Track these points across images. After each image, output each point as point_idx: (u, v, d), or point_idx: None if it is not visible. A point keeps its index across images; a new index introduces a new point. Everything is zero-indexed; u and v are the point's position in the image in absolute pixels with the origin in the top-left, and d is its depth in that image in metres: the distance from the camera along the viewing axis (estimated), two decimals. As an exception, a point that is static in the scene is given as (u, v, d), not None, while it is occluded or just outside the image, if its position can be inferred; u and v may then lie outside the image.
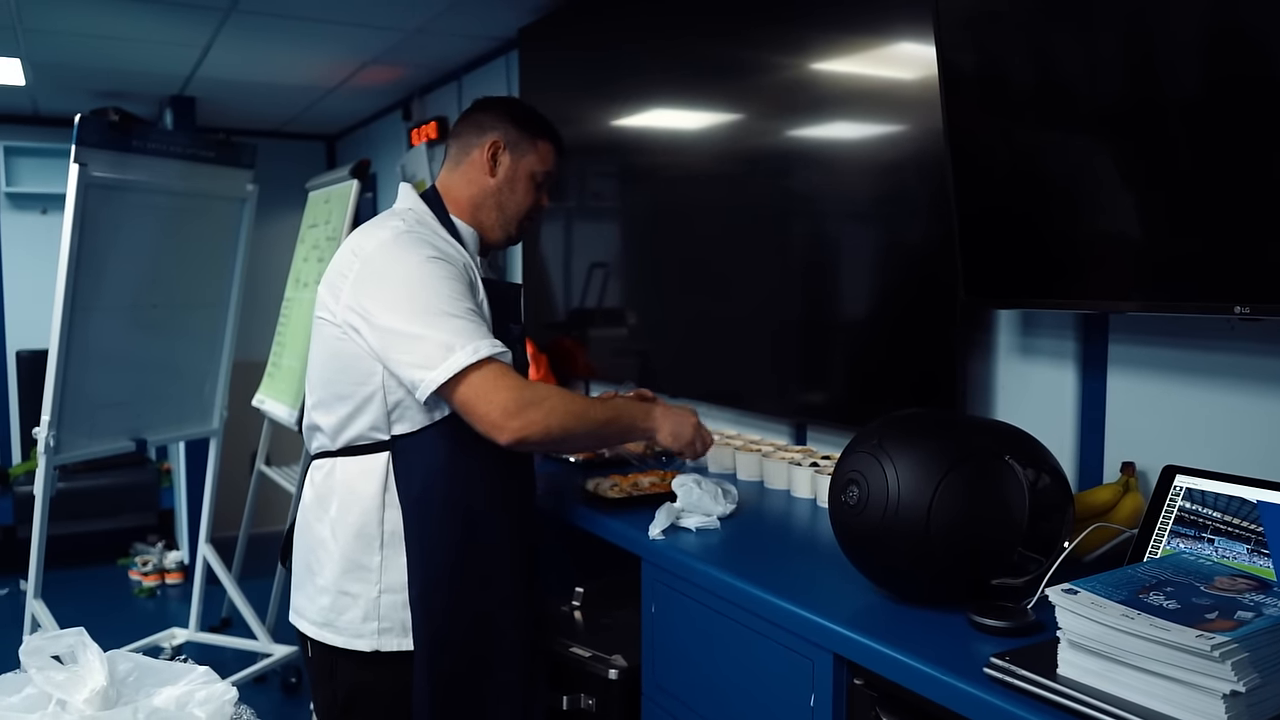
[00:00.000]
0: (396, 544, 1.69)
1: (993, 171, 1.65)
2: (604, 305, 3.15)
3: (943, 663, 1.18)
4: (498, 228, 1.86)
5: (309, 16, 3.37)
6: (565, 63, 3.25)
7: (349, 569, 1.71)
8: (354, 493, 1.71)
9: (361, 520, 1.70)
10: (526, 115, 1.89)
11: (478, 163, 1.83)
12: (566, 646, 2.00)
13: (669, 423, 1.82)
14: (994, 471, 1.33)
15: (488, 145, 1.83)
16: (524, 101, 1.95)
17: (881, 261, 2.10)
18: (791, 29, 2.24)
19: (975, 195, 1.67)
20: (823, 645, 1.36)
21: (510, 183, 1.84)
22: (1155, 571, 1.14)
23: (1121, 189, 1.47)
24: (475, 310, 1.64)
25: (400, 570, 1.69)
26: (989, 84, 1.64)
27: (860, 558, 1.41)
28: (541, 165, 1.87)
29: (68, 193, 3.00)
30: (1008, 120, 1.61)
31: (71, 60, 4.07)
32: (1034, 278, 1.62)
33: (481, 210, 1.84)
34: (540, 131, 1.88)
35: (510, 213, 1.85)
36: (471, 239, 1.83)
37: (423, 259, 1.64)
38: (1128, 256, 1.48)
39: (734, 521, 1.86)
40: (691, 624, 1.65)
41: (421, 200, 1.82)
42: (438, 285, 1.62)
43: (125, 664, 1.11)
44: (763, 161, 2.38)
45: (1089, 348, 1.72)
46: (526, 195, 1.86)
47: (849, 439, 2.19)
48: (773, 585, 1.50)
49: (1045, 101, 1.56)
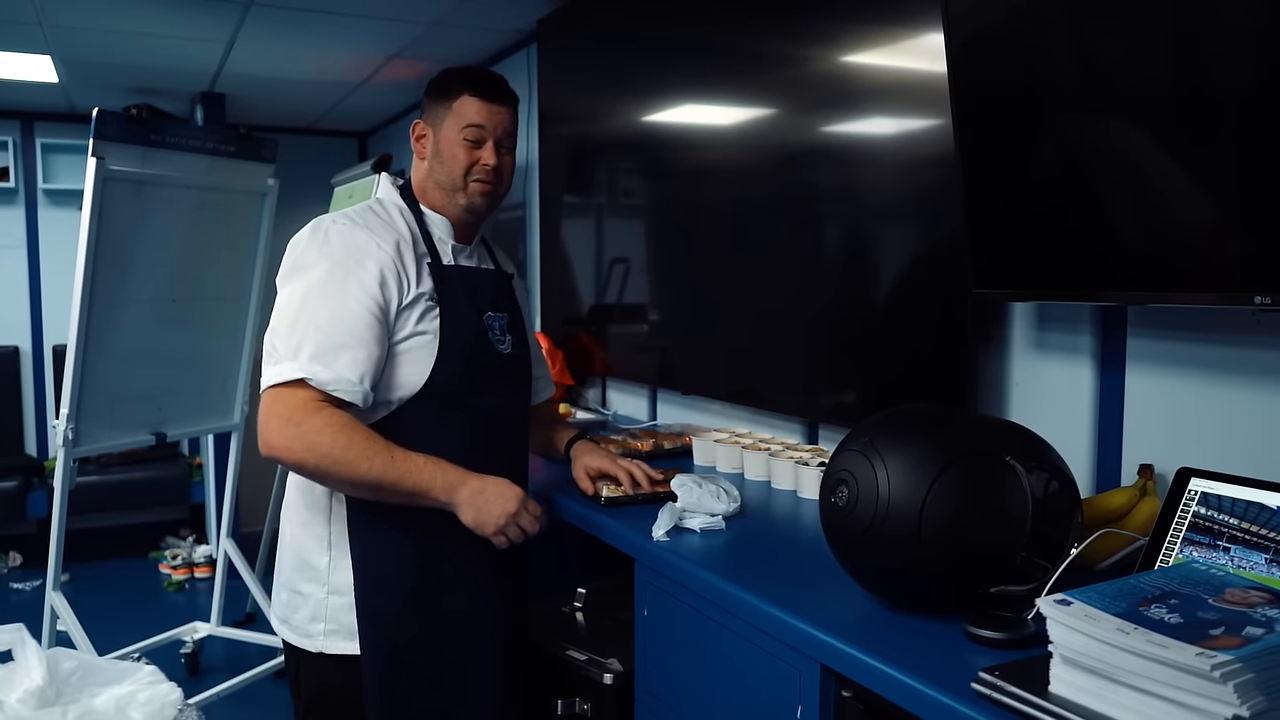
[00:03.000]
0: (344, 546, 1.66)
1: (1003, 161, 1.56)
2: (623, 301, 3.09)
3: (930, 676, 1.11)
4: (448, 203, 1.76)
5: (327, 9, 3.35)
6: (584, 55, 3.20)
7: (299, 567, 1.69)
8: (305, 491, 1.68)
9: (310, 519, 1.68)
10: (440, 79, 1.77)
11: (415, 149, 1.79)
12: (564, 649, 1.95)
13: (474, 508, 1.60)
14: (993, 472, 1.25)
15: (414, 129, 1.78)
16: (462, 67, 1.80)
17: (898, 258, 2.02)
18: (815, 20, 2.16)
19: (985, 186, 1.58)
20: (810, 655, 1.28)
21: (437, 155, 1.74)
22: (1160, 582, 1.05)
23: (1137, 176, 1.38)
24: (352, 326, 1.56)
25: (348, 572, 1.65)
26: (999, 72, 1.56)
27: (850, 562, 1.34)
28: (461, 120, 1.71)
29: (86, 187, 3.01)
30: (1019, 108, 1.53)
31: (100, 57, 4.10)
32: (1045, 269, 1.54)
33: (428, 194, 1.77)
34: (453, 89, 1.73)
35: (448, 182, 1.73)
36: (441, 224, 1.77)
37: (326, 263, 1.59)
38: (1143, 246, 1.39)
39: (737, 522, 1.79)
40: (683, 628, 1.59)
41: (398, 191, 1.78)
42: (323, 292, 1.57)
43: (69, 662, 1.07)
44: (783, 157, 2.31)
45: (1106, 343, 1.63)
46: (455, 158, 1.72)
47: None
48: (765, 591, 1.43)
49: (1058, 89, 1.47)
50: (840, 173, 2.11)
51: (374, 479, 1.53)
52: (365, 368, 1.56)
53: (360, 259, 1.60)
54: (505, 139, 1.75)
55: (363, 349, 1.56)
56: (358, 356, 1.55)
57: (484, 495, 1.60)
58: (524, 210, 3.76)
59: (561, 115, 3.33)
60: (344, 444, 1.51)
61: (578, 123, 3.27)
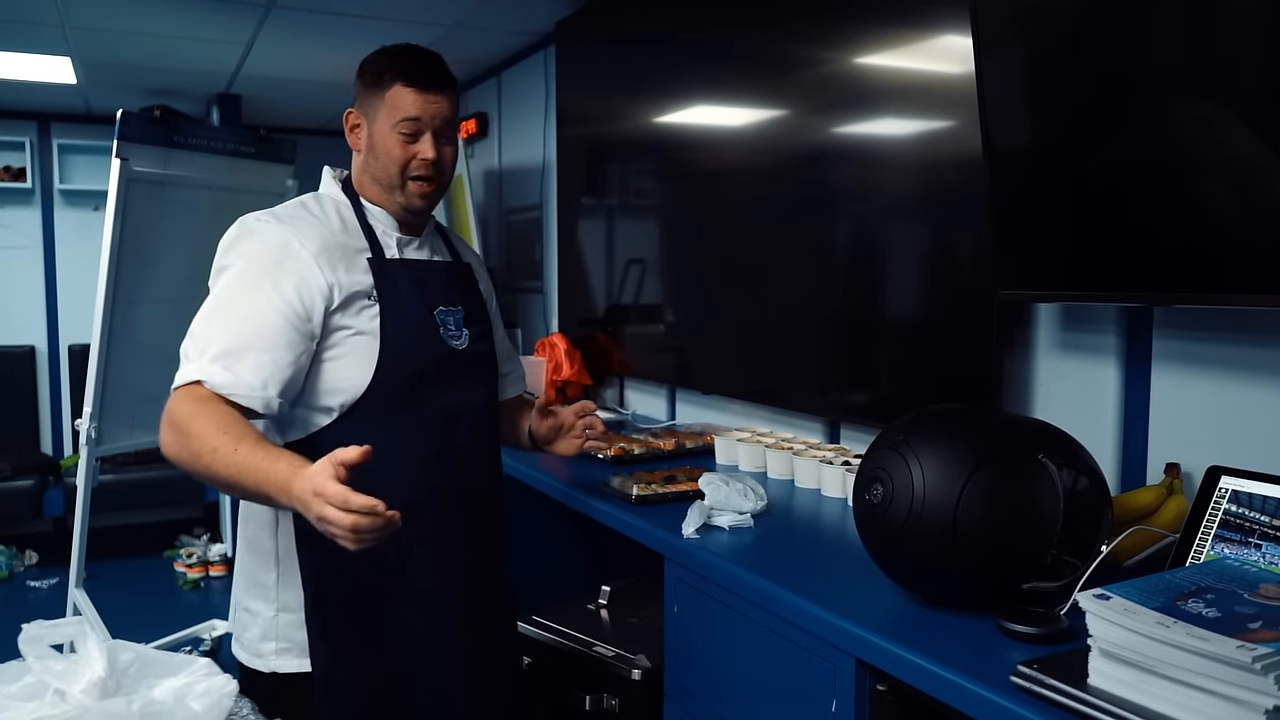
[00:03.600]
0: (292, 561, 1.56)
1: (1031, 162, 1.58)
2: (640, 302, 3.11)
3: (967, 669, 1.13)
4: (386, 199, 1.64)
5: (347, 12, 3.38)
6: (603, 57, 3.22)
7: (248, 585, 1.62)
8: (251, 506, 1.59)
9: (256, 534, 1.60)
10: (372, 65, 1.64)
11: (351, 141, 1.66)
12: (591, 645, 1.97)
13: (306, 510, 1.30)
14: (1026, 470, 1.27)
15: (346, 120, 1.66)
16: (392, 47, 1.66)
17: (919, 258, 2.04)
18: (833, 22, 2.19)
19: (1012, 187, 1.60)
20: (845, 649, 1.31)
21: (371, 149, 1.62)
22: (1195, 577, 1.07)
23: (1162, 175, 1.40)
24: (260, 328, 1.45)
25: (297, 589, 1.55)
26: (1026, 70, 1.58)
27: (885, 558, 1.36)
28: (396, 113, 1.58)
29: (110, 187, 3.04)
30: (1047, 109, 1.55)
31: (119, 59, 4.13)
32: (1073, 270, 1.55)
33: (366, 188, 1.65)
34: (384, 77, 1.60)
35: (384, 180, 1.62)
36: (383, 218, 1.65)
37: (243, 262, 1.51)
38: (1177, 246, 1.40)
39: (764, 520, 1.81)
40: (714, 624, 1.61)
41: (340, 184, 1.67)
42: (235, 294, 1.49)
43: (126, 654, 1.09)
44: (803, 158, 2.33)
45: (1132, 343, 1.65)
46: (391, 154, 1.59)
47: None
48: (797, 586, 1.45)
49: (1085, 88, 1.49)
50: (861, 173, 2.13)
51: (218, 475, 1.36)
52: (270, 373, 1.44)
53: (278, 259, 1.50)
54: (444, 129, 1.62)
55: (269, 353, 1.45)
56: (263, 360, 1.44)
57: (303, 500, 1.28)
58: (540, 211, 3.79)
59: (580, 117, 3.36)
60: (195, 433, 1.36)
61: (596, 124, 3.29)
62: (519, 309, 3.96)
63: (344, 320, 1.53)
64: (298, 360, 1.48)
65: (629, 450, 2.36)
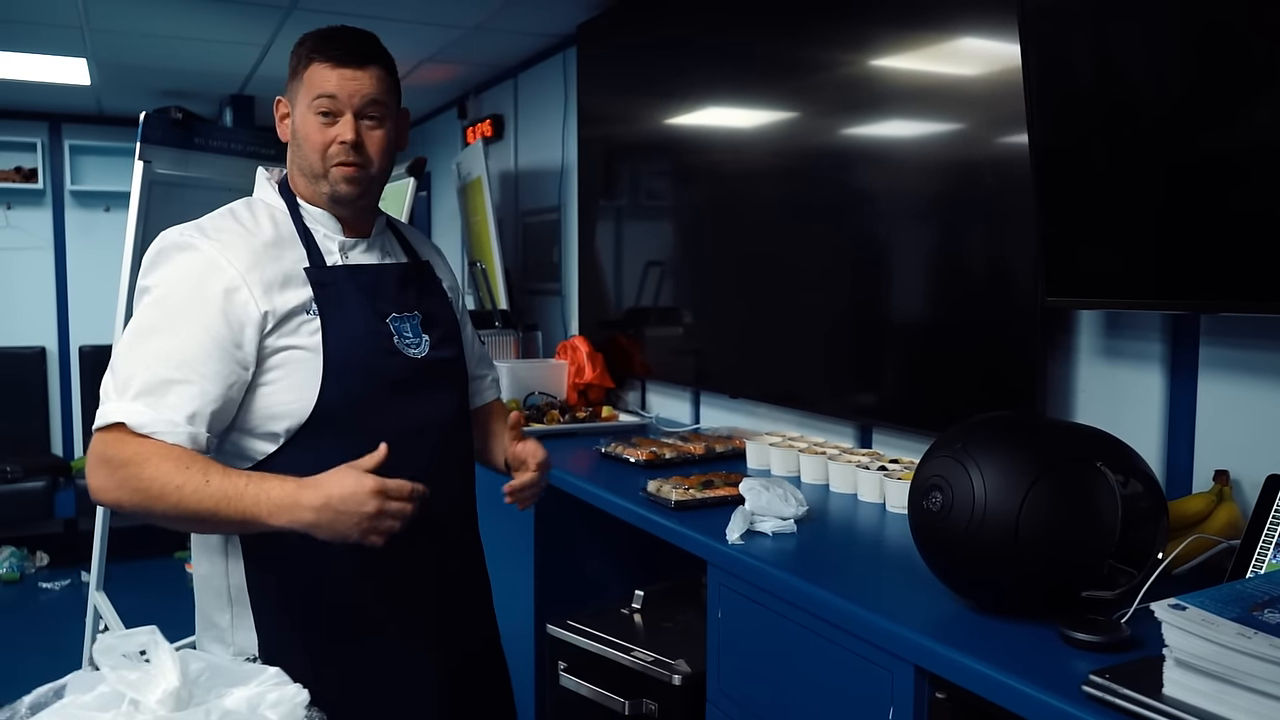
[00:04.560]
0: (245, 601, 1.46)
1: (1078, 168, 1.58)
2: (662, 304, 3.11)
3: (1036, 678, 1.13)
4: (315, 193, 1.51)
5: (370, 14, 3.37)
6: (625, 59, 3.22)
7: (205, 626, 1.51)
8: (201, 541, 1.50)
9: (210, 572, 1.49)
10: (295, 48, 1.52)
11: (279, 134, 1.55)
12: (629, 650, 1.97)
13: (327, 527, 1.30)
14: (1085, 478, 1.27)
15: (278, 111, 1.54)
16: (307, 32, 1.53)
17: (959, 262, 2.04)
18: (858, 25, 2.19)
19: (1059, 193, 1.60)
20: (903, 657, 1.31)
21: (295, 137, 1.50)
22: (1266, 587, 1.07)
23: (1215, 183, 1.40)
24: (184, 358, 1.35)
25: (252, 630, 1.46)
26: (1076, 78, 1.58)
27: (942, 565, 1.36)
28: (311, 92, 1.46)
29: (133, 189, 3.04)
30: (1097, 115, 1.55)
31: (135, 60, 4.12)
32: (1119, 277, 1.56)
33: (297, 183, 1.53)
34: (306, 58, 1.48)
35: (308, 168, 1.49)
36: (322, 219, 1.53)
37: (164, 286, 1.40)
38: (1219, 254, 1.41)
39: (805, 526, 1.81)
40: (761, 631, 1.61)
41: (274, 187, 1.55)
42: (155, 321, 1.38)
43: (196, 664, 1.09)
44: (831, 159, 2.33)
45: (1178, 350, 1.65)
46: (308, 137, 1.48)
47: (916, 441, 2.18)
48: (848, 592, 1.45)
49: (1137, 95, 1.49)
50: (894, 176, 2.13)
51: (190, 510, 1.29)
52: (198, 405, 1.34)
53: (202, 280, 1.39)
54: (369, 108, 1.47)
55: (195, 384, 1.34)
56: (188, 393, 1.33)
57: (330, 506, 1.29)
58: (559, 213, 3.78)
59: (601, 118, 3.36)
60: (150, 475, 1.29)
61: (618, 126, 3.29)
62: (537, 311, 3.96)
63: (281, 340, 1.42)
64: (227, 392, 1.38)
65: (660, 454, 2.35)
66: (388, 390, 1.49)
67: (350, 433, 1.44)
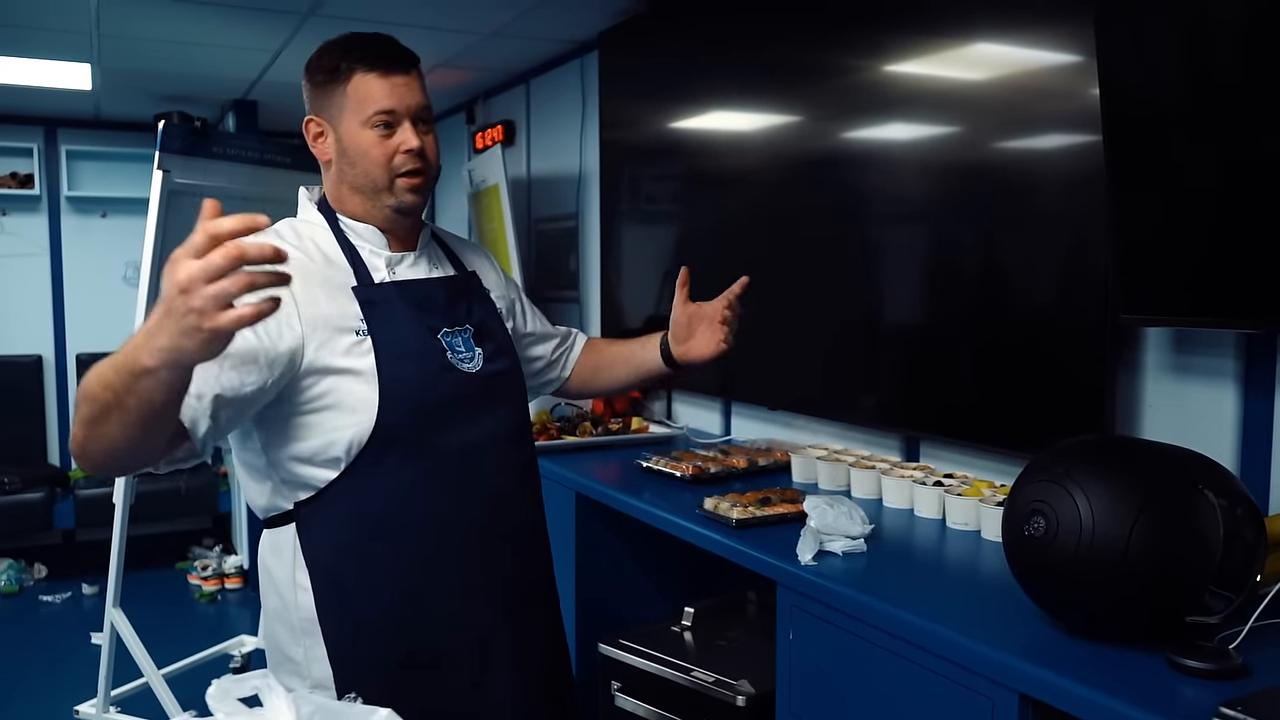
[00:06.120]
0: (315, 633, 1.43)
1: (1154, 183, 1.57)
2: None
3: (1157, 708, 1.12)
4: (372, 209, 1.48)
5: (386, 20, 3.33)
6: (648, 67, 3.19)
7: (279, 661, 1.48)
8: (269, 573, 1.48)
9: (279, 605, 1.47)
10: (319, 62, 1.48)
11: (316, 153, 1.50)
12: (688, 671, 1.95)
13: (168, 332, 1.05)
14: (1190, 502, 1.26)
15: (309, 131, 1.50)
16: (327, 43, 1.49)
17: (1015, 273, 2.02)
18: (890, 32, 2.18)
19: (1136, 206, 1.59)
20: (1006, 684, 1.29)
21: (344, 156, 1.46)
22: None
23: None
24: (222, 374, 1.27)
25: (325, 662, 1.43)
26: (1153, 91, 1.57)
27: (1043, 591, 1.34)
28: (365, 108, 1.43)
29: (151, 199, 2.99)
30: (1173, 128, 1.54)
31: (141, 65, 4.05)
32: (1196, 295, 1.55)
33: (345, 202, 1.49)
34: (340, 69, 1.44)
35: (367, 186, 1.46)
36: (369, 235, 1.50)
37: None
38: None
39: (873, 545, 1.78)
40: (838, 654, 1.59)
41: (316, 207, 1.52)
42: None
43: (307, 707, 1.06)
44: (872, 162, 2.31)
45: (1253, 367, 1.64)
46: (368, 154, 1.44)
47: (967, 455, 2.16)
48: (933, 615, 1.43)
49: (1216, 108, 1.48)
50: (953, 184, 2.11)
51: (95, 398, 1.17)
52: (207, 387, 1.26)
53: None
54: (422, 113, 1.48)
55: (211, 369, 1.25)
56: (201, 374, 1.22)
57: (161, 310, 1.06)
58: (577, 220, 3.75)
59: (624, 125, 3.32)
60: (79, 399, 1.21)
61: (642, 133, 3.26)
62: (552, 319, 3.90)
63: (333, 361, 1.38)
64: (241, 390, 1.29)
65: (705, 469, 2.33)
66: (446, 408, 1.47)
67: (413, 453, 1.43)
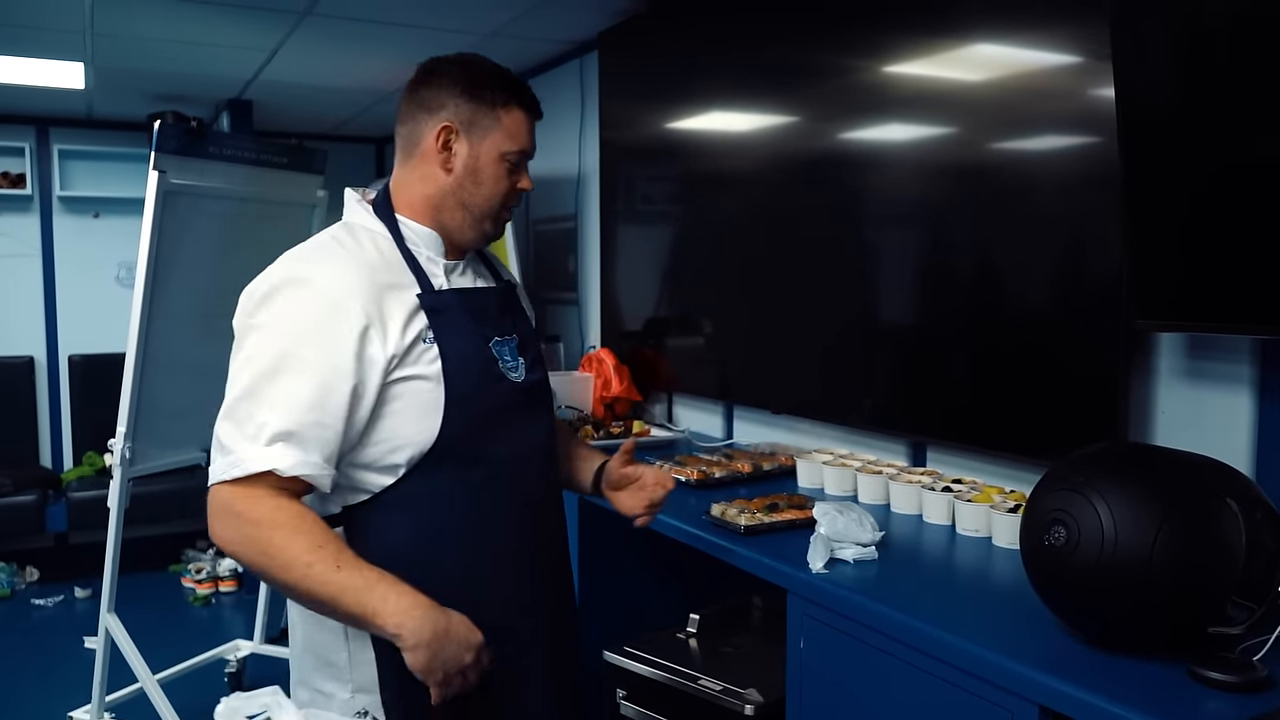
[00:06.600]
0: (364, 636, 1.40)
1: (1169, 187, 1.56)
2: (690, 314, 3.07)
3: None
4: (467, 229, 1.49)
5: (385, 20, 3.31)
6: (647, 68, 3.17)
7: (318, 665, 1.47)
8: None
9: None
10: (483, 79, 1.47)
11: (430, 154, 1.46)
12: (695, 679, 1.93)
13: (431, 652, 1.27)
14: (1213, 511, 1.24)
15: (438, 132, 1.45)
16: (481, 58, 1.51)
17: (1026, 276, 2.00)
18: (889, 32, 2.16)
19: (1151, 212, 1.57)
20: (1026, 696, 1.27)
21: (472, 174, 1.46)
22: None
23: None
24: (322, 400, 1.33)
25: (372, 666, 1.41)
26: (1168, 94, 1.56)
27: (1064, 601, 1.33)
28: (512, 143, 1.47)
29: (147, 200, 2.94)
30: (1188, 133, 1.52)
31: (134, 64, 4.01)
32: (1215, 300, 1.53)
33: (443, 212, 1.48)
34: (504, 98, 1.46)
35: (479, 210, 1.48)
36: (429, 240, 1.49)
37: (290, 322, 1.35)
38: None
39: (884, 552, 1.77)
40: (851, 663, 1.57)
41: (368, 209, 1.50)
42: (289, 358, 1.33)
43: (318, 723, 1.03)
44: (880, 163, 2.29)
45: (1268, 373, 1.62)
46: (497, 184, 1.47)
47: (974, 460, 2.14)
48: (949, 624, 1.42)
49: (1230, 113, 1.47)
50: (960, 187, 2.09)
51: (311, 590, 1.27)
52: (334, 448, 1.34)
53: (328, 318, 1.34)
54: None
55: (331, 428, 1.33)
56: (325, 437, 1.32)
57: (448, 638, 1.29)
58: (576, 222, 3.73)
59: (624, 126, 3.30)
60: (281, 544, 1.27)
61: (643, 133, 3.24)
62: (552, 322, 3.91)
63: (403, 370, 1.39)
64: (350, 430, 1.36)
65: (710, 474, 2.31)
66: (499, 416, 1.48)
67: (469, 462, 1.44)
